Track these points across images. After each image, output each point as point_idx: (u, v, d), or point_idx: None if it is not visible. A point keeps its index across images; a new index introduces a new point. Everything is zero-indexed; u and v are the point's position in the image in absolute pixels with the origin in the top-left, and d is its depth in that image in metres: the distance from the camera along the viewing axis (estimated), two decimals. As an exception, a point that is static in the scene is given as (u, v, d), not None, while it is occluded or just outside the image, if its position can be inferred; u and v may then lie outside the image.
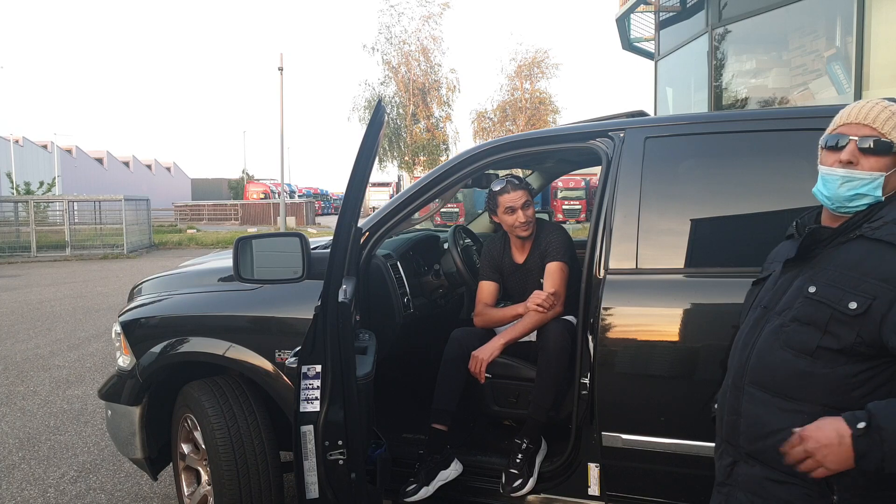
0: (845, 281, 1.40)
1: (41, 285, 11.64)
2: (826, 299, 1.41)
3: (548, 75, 26.28)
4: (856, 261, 1.41)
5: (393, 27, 24.24)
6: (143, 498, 3.44)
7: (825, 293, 1.42)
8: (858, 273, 1.39)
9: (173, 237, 21.93)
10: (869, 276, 1.37)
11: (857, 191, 1.44)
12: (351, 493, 2.13)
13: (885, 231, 1.40)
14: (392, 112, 24.85)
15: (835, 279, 1.42)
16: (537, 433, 2.61)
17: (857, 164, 1.44)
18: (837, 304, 1.39)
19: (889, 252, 1.37)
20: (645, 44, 11.45)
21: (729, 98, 8.02)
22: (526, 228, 2.89)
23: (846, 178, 1.45)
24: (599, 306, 2.27)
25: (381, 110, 2.26)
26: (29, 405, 4.97)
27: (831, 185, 1.47)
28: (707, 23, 8.04)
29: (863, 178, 1.44)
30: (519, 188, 2.87)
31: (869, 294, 1.36)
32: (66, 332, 7.53)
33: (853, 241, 1.44)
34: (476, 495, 2.62)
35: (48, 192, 24.13)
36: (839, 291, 1.40)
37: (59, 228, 17.93)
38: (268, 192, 40.51)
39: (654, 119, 2.65)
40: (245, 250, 2.52)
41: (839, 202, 1.48)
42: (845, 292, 1.39)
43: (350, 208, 2.18)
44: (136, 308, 2.98)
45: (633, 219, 2.30)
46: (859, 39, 6.16)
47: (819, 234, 1.49)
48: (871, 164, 1.44)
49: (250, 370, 2.63)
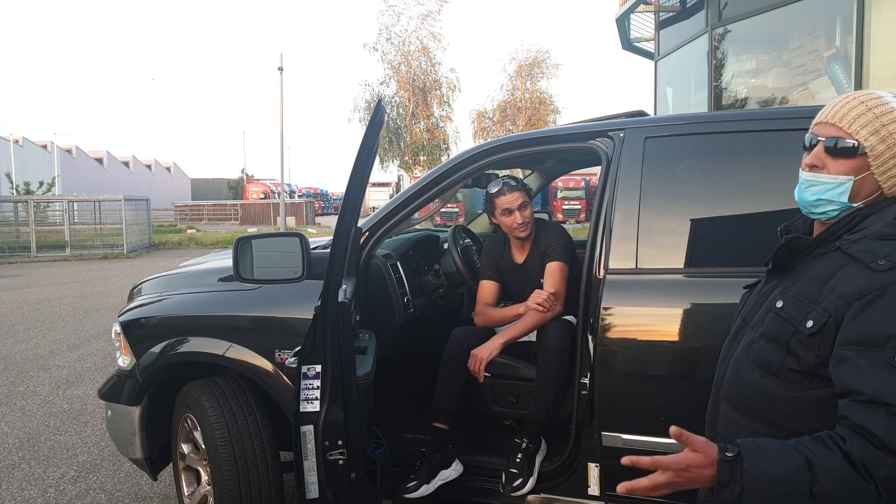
0: (811, 296, 1.28)
1: (41, 285, 11.64)
2: (789, 315, 1.30)
3: (548, 75, 26.27)
4: (826, 275, 1.28)
5: (393, 27, 24.25)
6: (143, 498, 3.44)
7: (790, 309, 1.31)
8: (826, 289, 1.26)
9: (173, 237, 21.93)
10: (832, 293, 1.24)
11: (820, 196, 1.32)
12: (351, 493, 2.13)
13: (858, 246, 1.26)
14: (392, 112, 24.83)
15: (803, 293, 1.30)
16: (537, 433, 2.61)
17: (822, 167, 1.32)
18: (798, 321, 1.28)
19: (856, 269, 1.24)
20: (645, 44, 11.45)
21: (729, 98, 8.02)
22: (524, 229, 2.89)
23: (809, 183, 1.34)
24: (599, 306, 2.27)
25: (381, 110, 2.26)
26: (29, 405, 4.97)
27: (798, 189, 1.37)
28: (707, 23, 8.04)
29: (826, 182, 1.31)
30: (515, 189, 2.87)
31: (827, 311, 1.24)
32: (66, 332, 7.53)
33: (832, 253, 1.30)
34: (476, 495, 2.63)
35: (48, 192, 24.12)
36: (804, 307, 1.28)
37: (59, 228, 17.94)
38: (267, 192, 40.52)
39: (654, 119, 2.65)
40: (245, 250, 2.52)
41: (806, 207, 1.37)
42: (807, 308, 1.27)
43: (350, 208, 2.18)
44: (136, 308, 2.98)
45: (632, 219, 2.30)
46: (859, 39, 6.16)
47: (796, 245, 1.36)
48: (837, 168, 1.30)
49: (250, 370, 2.63)
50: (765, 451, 1.15)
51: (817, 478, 1.10)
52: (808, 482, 1.10)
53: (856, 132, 1.29)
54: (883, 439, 1.09)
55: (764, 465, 1.13)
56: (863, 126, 1.29)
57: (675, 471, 1.16)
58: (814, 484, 1.10)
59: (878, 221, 1.28)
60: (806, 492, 1.10)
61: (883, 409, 1.11)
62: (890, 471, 1.08)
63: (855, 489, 1.09)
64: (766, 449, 1.16)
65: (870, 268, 1.21)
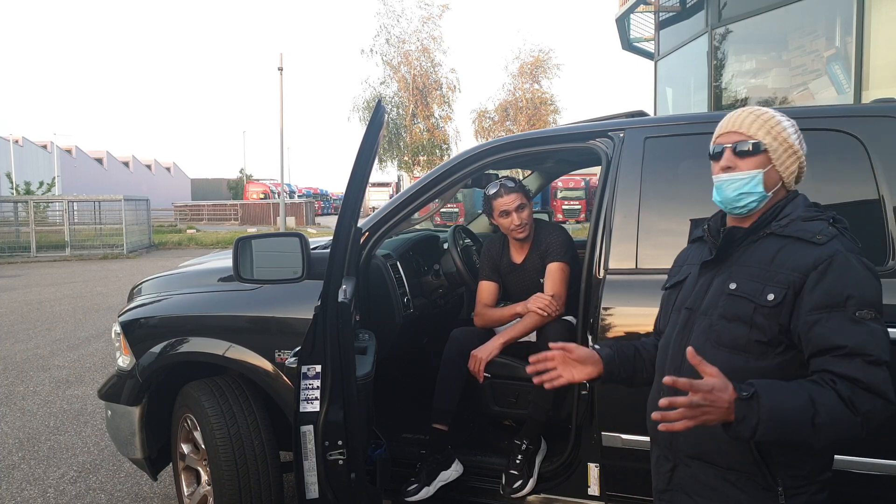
0: (763, 275, 1.49)
1: (41, 285, 11.64)
2: (747, 294, 1.50)
3: (550, 75, 26.25)
4: (770, 256, 1.50)
5: (392, 28, 24.24)
6: (143, 498, 3.45)
7: (745, 288, 1.50)
8: (774, 266, 1.48)
9: (173, 237, 21.93)
10: (783, 268, 1.46)
11: (741, 190, 1.55)
12: (351, 493, 2.13)
13: (793, 228, 1.50)
14: (392, 112, 24.81)
15: (753, 274, 1.51)
16: (537, 433, 2.61)
17: (735, 167, 1.55)
18: (758, 297, 1.47)
19: (798, 245, 1.47)
20: (645, 44, 11.45)
21: (729, 98, 8.02)
22: (521, 231, 2.89)
23: (729, 181, 1.56)
24: (599, 306, 2.27)
25: (381, 110, 2.26)
26: (29, 405, 4.97)
27: (720, 190, 1.59)
28: (707, 23, 8.04)
29: (742, 177, 1.54)
30: (513, 191, 2.85)
31: (784, 284, 1.45)
32: (66, 332, 7.53)
33: (765, 239, 1.54)
34: (476, 496, 2.63)
35: (48, 192, 24.12)
36: (758, 285, 1.48)
37: (59, 228, 17.94)
38: (267, 192, 40.51)
39: (654, 119, 2.65)
40: (245, 250, 2.52)
41: (730, 204, 1.57)
42: (764, 285, 1.48)
43: (350, 208, 2.18)
44: (136, 308, 2.98)
45: (632, 219, 2.30)
46: (859, 39, 6.16)
47: (733, 235, 1.58)
48: (748, 165, 1.55)
49: (250, 370, 2.63)
50: (777, 389, 1.35)
51: (818, 411, 1.32)
52: (812, 415, 1.32)
53: (754, 134, 1.55)
54: (866, 383, 1.34)
55: (777, 400, 1.33)
56: (758, 129, 1.55)
57: (704, 392, 1.31)
58: (816, 416, 1.32)
59: (796, 209, 1.54)
60: (809, 422, 1.32)
61: (859, 359, 1.36)
62: (871, 406, 1.34)
63: (846, 420, 1.33)
64: (777, 387, 1.36)
65: (812, 242, 1.46)
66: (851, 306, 1.39)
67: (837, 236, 1.47)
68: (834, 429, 1.33)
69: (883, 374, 1.35)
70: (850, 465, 1.98)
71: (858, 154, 2.10)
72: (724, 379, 1.33)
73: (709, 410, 1.31)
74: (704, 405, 1.31)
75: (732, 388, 1.32)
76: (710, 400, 1.30)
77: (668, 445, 1.61)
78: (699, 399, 1.30)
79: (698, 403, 1.30)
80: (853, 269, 1.42)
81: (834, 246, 1.44)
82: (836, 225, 1.50)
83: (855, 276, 1.41)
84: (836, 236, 1.46)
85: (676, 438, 1.57)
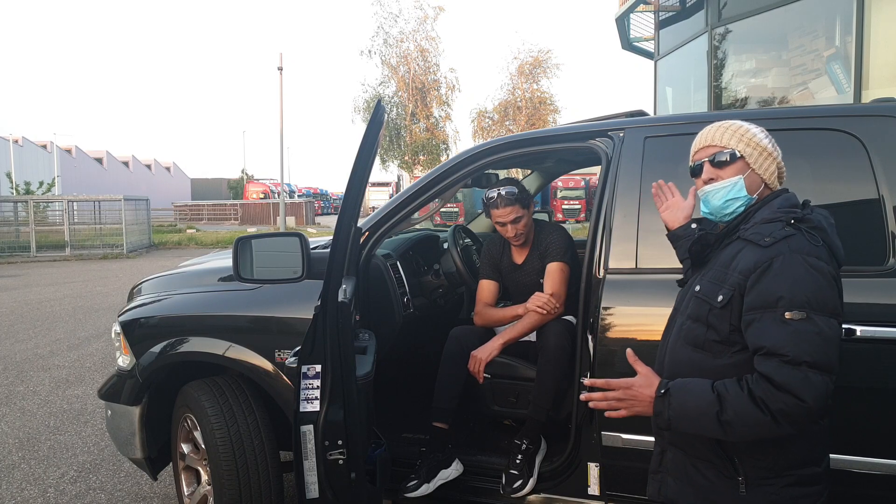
0: (721, 277, 1.57)
1: (41, 285, 11.64)
2: (705, 296, 1.59)
3: (549, 75, 26.26)
4: (729, 259, 1.57)
5: (390, 28, 24.25)
6: (143, 498, 3.45)
7: (705, 290, 1.60)
8: (730, 269, 1.55)
9: (173, 237, 21.93)
10: (734, 271, 1.53)
11: (726, 197, 1.62)
12: (351, 492, 2.13)
13: (752, 230, 1.56)
14: (392, 112, 24.82)
15: (714, 277, 1.59)
16: (537, 433, 2.61)
17: (716, 178, 1.64)
18: (712, 299, 1.56)
19: (749, 248, 1.53)
20: (645, 43, 11.45)
21: (728, 98, 8.02)
22: (517, 240, 2.90)
23: (713, 191, 1.64)
24: (599, 306, 2.27)
25: (380, 110, 2.26)
26: (29, 405, 4.97)
27: (706, 202, 1.67)
28: (707, 22, 8.04)
29: (725, 185, 1.62)
30: (509, 204, 2.82)
31: (732, 286, 1.52)
32: (66, 332, 7.53)
33: (734, 242, 1.60)
34: (476, 495, 2.63)
35: (48, 192, 24.12)
36: (715, 287, 1.57)
37: (59, 228, 17.94)
38: (267, 192, 40.50)
39: (654, 119, 2.65)
40: (245, 250, 2.52)
41: (720, 214, 1.66)
42: (718, 287, 1.56)
43: (350, 208, 2.18)
44: (136, 308, 2.98)
45: (632, 219, 2.30)
46: (859, 39, 6.16)
47: (706, 239, 1.68)
48: (728, 173, 1.62)
49: (250, 370, 2.63)
50: (689, 388, 1.51)
51: (724, 408, 1.44)
52: (717, 412, 1.44)
53: (727, 143, 1.64)
54: (777, 381, 1.40)
55: (684, 398, 1.50)
56: (730, 138, 1.64)
57: (623, 388, 1.58)
58: (722, 412, 1.44)
59: (765, 211, 1.60)
60: (715, 419, 1.44)
61: (776, 359, 1.42)
62: (783, 405, 1.40)
63: (752, 418, 1.42)
64: (691, 386, 1.51)
65: (759, 245, 1.51)
66: (781, 307, 1.43)
67: (789, 237, 1.49)
68: (743, 425, 1.42)
69: (798, 374, 1.38)
70: (850, 464, 1.98)
71: (858, 154, 2.10)
72: (650, 378, 1.56)
73: (632, 403, 1.57)
74: (626, 399, 1.57)
75: (657, 385, 1.53)
76: (630, 395, 1.56)
77: (658, 431, 1.70)
78: (618, 394, 1.57)
79: (618, 398, 1.57)
80: (791, 269, 1.45)
81: (778, 248, 1.48)
82: (799, 224, 1.51)
83: (791, 277, 1.44)
84: (786, 237, 1.49)
85: None
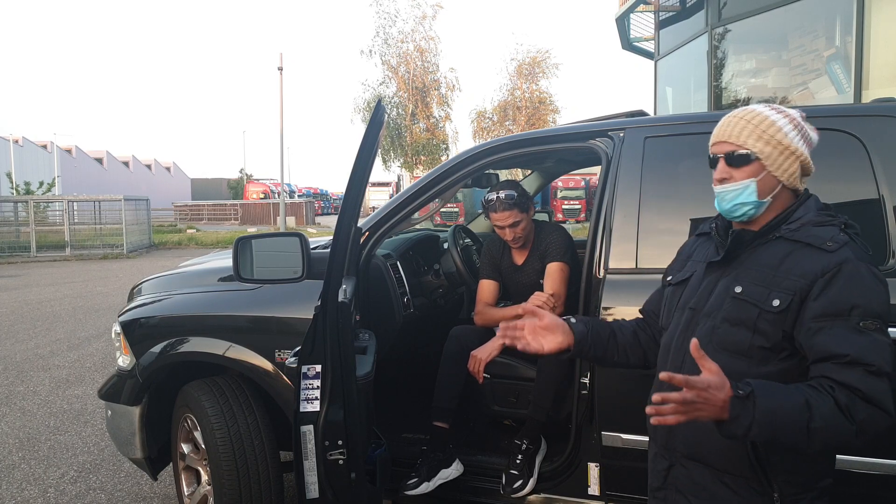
0: (769, 280, 1.46)
1: (41, 285, 11.64)
2: (752, 298, 1.47)
3: (548, 75, 26.27)
4: (778, 260, 1.47)
5: (389, 28, 24.25)
6: (143, 498, 3.45)
7: (751, 292, 1.48)
8: (781, 272, 1.45)
9: (173, 237, 21.93)
10: (790, 274, 1.44)
11: (735, 201, 1.52)
12: (351, 493, 2.13)
13: (803, 233, 1.47)
14: (392, 112, 24.83)
15: (759, 278, 1.48)
16: (537, 433, 2.61)
17: (730, 178, 1.53)
18: (763, 302, 1.45)
19: (807, 251, 1.44)
20: (645, 43, 11.45)
21: (729, 98, 8.02)
22: (515, 243, 2.91)
23: (723, 193, 1.55)
24: (599, 306, 2.27)
25: (380, 110, 2.26)
26: (29, 405, 4.97)
27: (717, 201, 1.57)
28: (707, 22, 8.04)
29: (736, 188, 1.52)
30: (507, 209, 2.81)
31: (790, 290, 1.43)
32: (66, 332, 7.53)
33: (773, 242, 1.50)
34: (476, 495, 2.62)
35: (48, 192, 24.12)
36: (764, 290, 1.46)
37: (59, 228, 17.94)
38: (267, 192, 40.50)
39: (654, 119, 2.65)
40: (245, 250, 2.52)
41: (728, 214, 1.57)
42: (770, 291, 1.45)
43: (350, 208, 2.18)
44: (136, 308, 2.98)
45: (633, 219, 2.30)
46: (859, 39, 6.16)
47: (742, 237, 1.55)
48: (742, 174, 1.52)
49: (250, 370, 2.63)
50: (774, 390, 1.34)
51: (813, 415, 1.31)
52: (807, 418, 1.30)
53: (744, 142, 1.52)
54: (865, 392, 1.32)
55: (773, 401, 1.32)
56: (748, 136, 1.51)
57: (699, 390, 1.29)
58: (811, 420, 1.30)
59: (808, 212, 1.51)
60: (804, 426, 1.31)
61: (861, 368, 1.34)
62: (867, 416, 1.32)
63: (840, 427, 1.32)
64: (775, 388, 1.35)
65: (822, 249, 1.42)
66: (856, 316, 1.37)
67: (848, 243, 1.43)
68: (828, 434, 1.32)
69: (883, 385, 1.34)
70: (850, 464, 1.98)
71: (858, 154, 2.10)
72: (722, 377, 1.30)
73: (702, 407, 1.30)
74: (698, 402, 1.29)
75: (729, 386, 1.30)
76: (705, 397, 1.29)
77: (665, 444, 1.61)
78: (693, 396, 1.29)
79: (692, 400, 1.29)
80: (861, 278, 1.39)
81: (844, 253, 1.41)
82: (848, 231, 1.47)
83: (862, 285, 1.39)
84: (846, 243, 1.43)
85: (674, 438, 1.57)
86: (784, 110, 1.55)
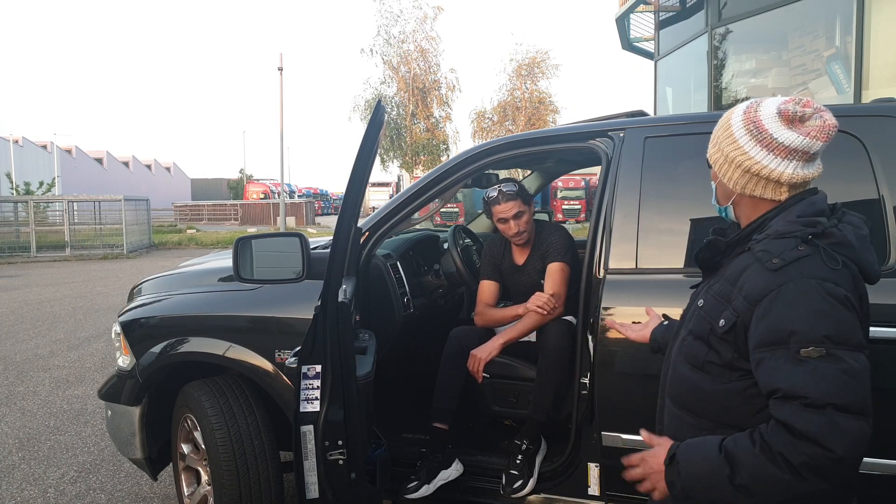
0: (727, 295, 1.37)
1: (41, 285, 11.63)
2: (707, 314, 1.41)
3: (548, 75, 26.29)
4: (736, 274, 1.37)
5: (391, 28, 24.26)
6: (143, 498, 3.44)
7: (708, 307, 1.42)
8: (736, 288, 1.35)
9: (173, 237, 21.92)
10: (741, 293, 1.33)
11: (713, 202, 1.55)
12: (351, 493, 2.13)
13: (760, 246, 1.34)
14: (392, 112, 24.84)
15: (721, 293, 1.39)
16: (537, 433, 2.61)
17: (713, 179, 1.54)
18: (714, 320, 1.38)
19: (756, 269, 1.32)
20: (645, 44, 11.45)
21: (729, 98, 8.02)
22: (520, 238, 2.90)
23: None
24: (599, 306, 2.27)
25: (380, 110, 2.26)
26: (29, 405, 4.97)
27: None
28: (707, 23, 8.04)
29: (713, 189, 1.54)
30: (510, 199, 2.83)
31: (736, 312, 1.33)
32: (66, 332, 7.52)
33: (745, 253, 1.39)
34: (476, 495, 2.62)
35: (48, 193, 24.11)
36: (718, 306, 1.38)
37: (59, 228, 17.93)
38: (267, 192, 40.51)
39: (654, 119, 2.65)
40: (245, 250, 2.52)
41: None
42: (724, 308, 1.36)
43: (350, 208, 2.18)
44: (136, 308, 2.98)
45: (632, 219, 2.30)
46: (859, 39, 6.16)
47: (716, 246, 1.49)
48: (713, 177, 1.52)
49: (250, 370, 2.63)
50: (695, 450, 1.30)
51: (737, 471, 1.22)
52: (728, 475, 1.22)
53: (710, 145, 1.50)
54: (800, 429, 1.18)
55: (690, 463, 1.29)
56: (713, 138, 1.49)
57: (638, 462, 1.39)
58: (735, 476, 1.22)
59: (780, 221, 1.37)
60: (728, 483, 1.22)
61: (796, 403, 1.20)
62: (806, 457, 1.17)
63: (771, 479, 1.19)
64: (697, 447, 1.31)
65: (766, 267, 1.30)
66: (794, 344, 1.23)
67: (802, 259, 1.27)
68: (763, 489, 1.20)
69: (822, 419, 1.17)
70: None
71: (858, 154, 2.10)
72: (664, 446, 1.35)
73: (651, 477, 1.36)
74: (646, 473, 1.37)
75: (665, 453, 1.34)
76: (647, 470, 1.36)
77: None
78: (637, 473, 1.38)
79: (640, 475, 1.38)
80: (804, 298, 1.24)
81: (788, 273, 1.26)
82: (818, 240, 1.30)
83: (805, 307, 1.23)
84: (798, 259, 1.27)
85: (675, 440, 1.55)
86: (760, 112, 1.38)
